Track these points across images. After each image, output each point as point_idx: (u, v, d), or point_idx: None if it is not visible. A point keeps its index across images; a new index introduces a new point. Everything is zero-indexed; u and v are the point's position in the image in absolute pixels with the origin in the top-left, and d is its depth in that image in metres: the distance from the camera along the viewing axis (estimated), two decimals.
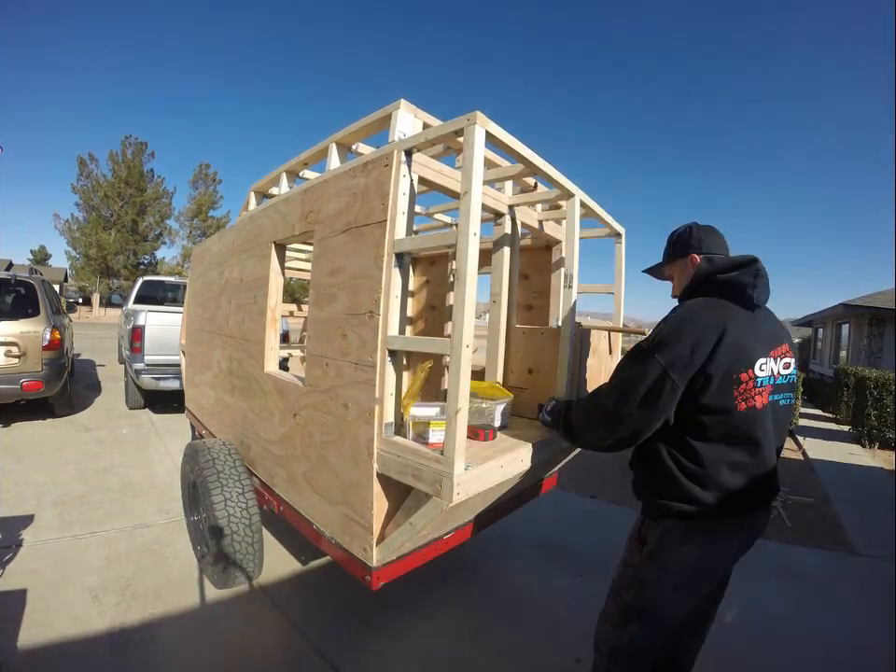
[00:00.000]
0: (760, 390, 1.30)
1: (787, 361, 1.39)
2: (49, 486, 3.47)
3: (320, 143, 2.13)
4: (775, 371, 1.34)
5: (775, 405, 1.36)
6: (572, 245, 2.00)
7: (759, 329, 1.34)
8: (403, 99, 1.75)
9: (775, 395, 1.35)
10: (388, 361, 1.53)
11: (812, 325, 16.48)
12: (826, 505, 4.17)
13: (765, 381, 1.31)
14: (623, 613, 1.43)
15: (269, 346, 2.26)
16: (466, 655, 2.07)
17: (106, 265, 30.10)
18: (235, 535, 2.17)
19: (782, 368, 1.37)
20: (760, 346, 1.31)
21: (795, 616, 2.49)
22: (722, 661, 2.11)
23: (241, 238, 2.65)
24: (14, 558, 2.51)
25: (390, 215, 1.52)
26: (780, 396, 1.38)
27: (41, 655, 1.90)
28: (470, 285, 1.34)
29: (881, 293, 11.98)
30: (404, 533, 1.54)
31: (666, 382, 1.25)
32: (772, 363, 1.34)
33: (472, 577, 2.68)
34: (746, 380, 1.27)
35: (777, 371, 1.35)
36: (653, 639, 1.43)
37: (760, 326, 1.35)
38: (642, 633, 1.41)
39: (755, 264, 1.35)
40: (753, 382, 1.28)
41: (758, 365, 1.30)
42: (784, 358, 1.38)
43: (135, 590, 2.34)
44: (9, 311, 4.84)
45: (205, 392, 3.20)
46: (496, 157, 2.04)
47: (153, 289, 7.38)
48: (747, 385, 1.28)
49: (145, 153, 31.44)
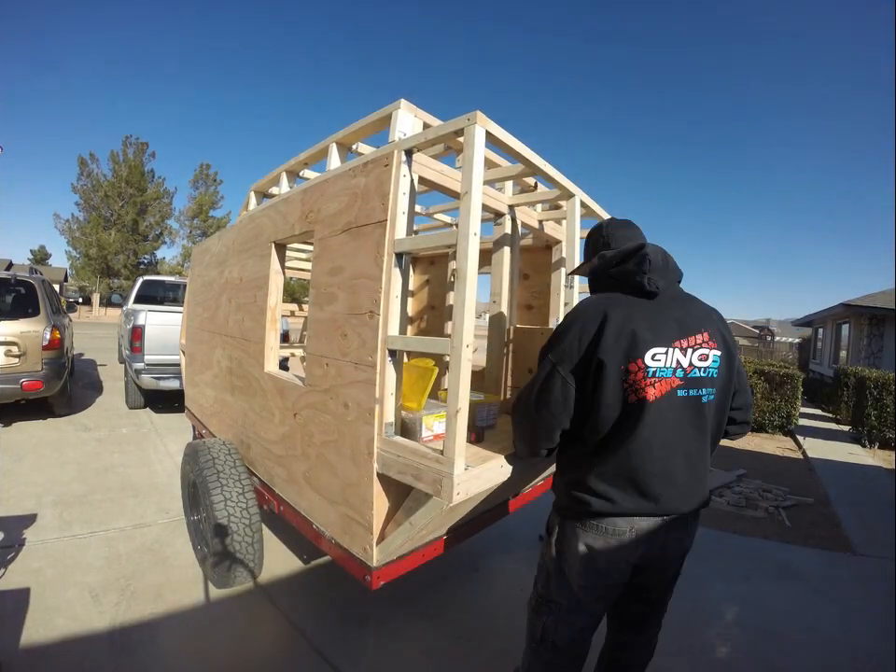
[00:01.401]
0: (653, 381, 1.22)
1: (704, 352, 1.28)
2: (49, 486, 3.47)
3: (320, 143, 2.13)
4: (683, 362, 1.25)
5: (686, 402, 1.26)
6: (572, 244, 2.00)
7: (661, 318, 1.27)
8: (403, 99, 1.75)
9: (684, 390, 1.26)
10: (388, 361, 1.53)
11: (812, 325, 16.48)
12: (826, 505, 4.17)
13: (663, 372, 1.23)
14: (536, 604, 1.46)
15: (269, 346, 2.26)
16: (465, 655, 2.07)
17: (107, 265, 30.10)
18: (235, 534, 2.17)
19: (696, 359, 1.27)
20: (657, 336, 1.24)
21: (795, 616, 2.49)
22: (723, 661, 2.12)
23: (241, 238, 2.65)
24: (16, 558, 2.51)
25: (390, 214, 1.52)
26: (695, 391, 1.27)
27: (41, 655, 1.90)
28: (470, 285, 1.34)
29: (881, 293, 11.99)
30: (404, 533, 1.54)
31: (557, 378, 1.26)
32: (677, 354, 1.24)
33: (472, 577, 2.68)
34: (635, 370, 1.22)
35: (687, 364, 1.25)
36: (565, 634, 1.39)
37: (665, 315, 1.28)
38: (553, 625, 1.40)
39: (641, 250, 1.30)
40: (643, 372, 1.21)
41: (650, 355, 1.22)
42: (700, 349, 1.27)
43: (135, 590, 2.34)
44: (9, 311, 4.84)
45: (205, 392, 3.20)
46: (496, 157, 2.04)
47: (153, 289, 7.37)
48: (636, 376, 1.22)
49: (145, 153, 31.45)
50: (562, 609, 1.39)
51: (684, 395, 1.26)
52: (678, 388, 1.25)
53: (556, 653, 1.41)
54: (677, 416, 1.26)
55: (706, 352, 1.28)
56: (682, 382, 1.25)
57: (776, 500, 4.15)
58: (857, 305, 11.33)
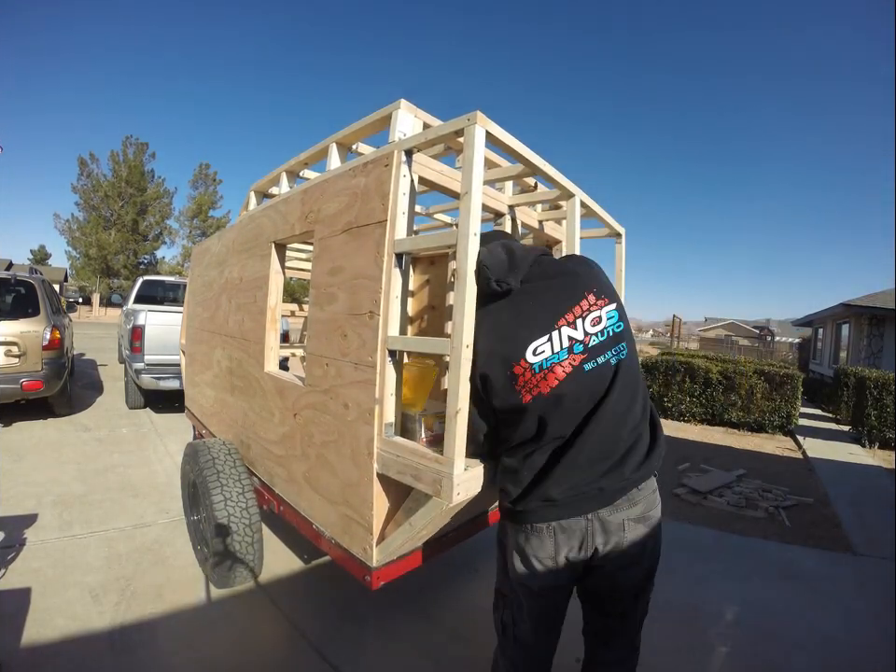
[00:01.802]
0: (543, 373, 1.20)
1: (595, 315, 1.23)
2: (49, 486, 3.47)
3: (320, 143, 2.13)
4: (577, 335, 1.21)
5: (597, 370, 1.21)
6: (572, 244, 2.00)
7: (530, 310, 1.26)
8: (403, 99, 1.75)
9: (592, 361, 1.21)
10: (388, 361, 1.53)
11: (812, 325, 16.48)
12: (826, 505, 4.17)
13: (553, 358, 1.20)
14: (495, 597, 1.49)
15: (269, 346, 2.25)
16: (466, 655, 2.07)
17: (106, 265, 30.10)
18: (235, 534, 2.17)
19: (589, 325, 1.23)
20: (531, 329, 1.23)
21: (795, 616, 2.49)
22: (723, 661, 2.12)
23: (241, 238, 2.65)
24: (17, 557, 2.51)
25: (390, 215, 1.52)
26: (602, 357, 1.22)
27: (42, 655, 1.90)
28: (470, 285, 1.34)
29: (881, 293, 11.99)
30: (404, 533, 1.54)
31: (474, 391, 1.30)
32: (566, 332, 1.21)
33: (472, 577, 2.68)
34: (521, 372, 1.21)
35: (582, 335, 1.22)
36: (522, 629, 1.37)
37: (534, 303, 1.26)
38: (510, 619, 1.40)
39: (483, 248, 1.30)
40: (530, 371, 1.20)
41: (530, 350, 1.21)
42: (590, 314, 1.23)
43: (135, 590, 2.34)
44: (9, 311, 4.84)
45: (205, 392, 3.20)
46: (496, 157, 2.03)
47: (153, 289, 7.38)
48: (524, 377, 1.21)
49: (145, 153, 31.47)
50: (513, 605, 1.39)
51: (592, 366, 1.21)
52: (583, 363, 1.21)
53: (518, 648, 1.40)
54: (592, 391, 1.21)
55: (597, 314, 1.24)
56: (585, 355, 1.21)
57: (776, 500, 4.15)
58: (857, 305, 11.33)
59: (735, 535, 3.44)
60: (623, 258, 2.47)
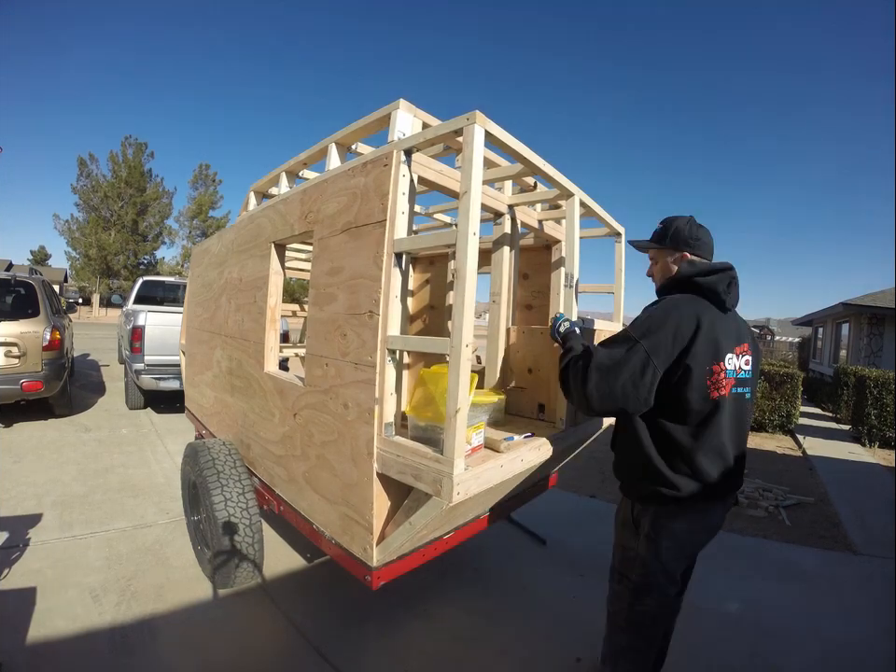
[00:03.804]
0: (726, 381, 1.46)
1: (747, 358, 1.55)
2: (50, 486, 3.47)
3: (320, 143, 2.13)
4: (737, 366, 1.50)
5: (737, 397, 1.51)
6: (572, 244, 2.00)
7: (728, 327, 1.51)
8: (403, 99, 1.75)
9: (737, 388, 1.50)
10: (388, 361, 1.53)
11: (812, 324, 16.47)
12: (826, 504, 4.17)
13: (730, 373, 1.47)
14: (634, 592, 1.59)
15: (269, 346, 2.26)
16: (466, 655, 2.06)
17: (106, 265, 30.07)
18: (236, 535, 2.17)
19: (743, 364, 1.53)
20: (728, 342, 1.48)
21: (795, 616, 2.49)
22: (723, 660, 2.12)
23: (241, 238, 2.65)
24: (20, 558, 2.52)
25: (390, 214, 1.52)
26: (743, 389, 1.53)
27: (42, 655, 1.90)
28: (470, 284, 1.34)
29: (881, 293, 11.98)
30: (404, 533, 1.54)
31: (649, 367, 1.39)
32: (735, 359, 1.50)
33: (472, 577, 2.68)
34: (718, 371, 1.44)
35: (739, 367, 1.51)
36: (664, 609, 1.60)
37: (729, 325, 1.52)
38: (655, 604, 1.57)
39: (730, 271, 1.53)
40: (724, 373, 1.45)
41: (727, 358, 1.46)
42: (745, 356, 1.54)
43: (136, 590, 2.34)
44: (9, 311, 4.84)
45: (205, 392, 3.20)
46: (495, 156, 2.04)
47: (153, 289, 7.37)
48: (718, 376, 1.44)
49: (145, 153, 31.41)
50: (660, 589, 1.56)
51: (738, 393, 1.51)
52: (735, 387, 1.49)
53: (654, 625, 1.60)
54: (734, 409, 1.50)
55: (748, 358, 1.55)
56: (735, 382, 1.49)
57: (776, 499, 4.15)
58: (857, 305, 11.32)
59: (735, 534, 3.44)
60: (623, 257, 2.48)
